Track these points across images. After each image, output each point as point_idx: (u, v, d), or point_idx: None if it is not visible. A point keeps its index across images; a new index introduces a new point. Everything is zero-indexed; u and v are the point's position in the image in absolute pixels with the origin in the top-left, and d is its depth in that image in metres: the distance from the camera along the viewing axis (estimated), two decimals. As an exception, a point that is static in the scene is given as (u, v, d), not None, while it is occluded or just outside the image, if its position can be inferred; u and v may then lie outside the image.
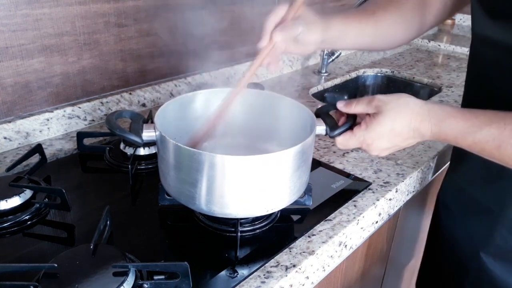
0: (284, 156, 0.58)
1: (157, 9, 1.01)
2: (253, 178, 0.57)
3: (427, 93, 1.43)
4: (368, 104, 0.60)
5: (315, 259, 0.63)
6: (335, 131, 0.63)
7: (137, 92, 1.04)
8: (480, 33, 0.67)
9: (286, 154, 0.58)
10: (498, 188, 0.67)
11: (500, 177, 0.66)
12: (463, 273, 0.77)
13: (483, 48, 0.68)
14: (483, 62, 0.69)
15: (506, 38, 0.61)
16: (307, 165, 0.64)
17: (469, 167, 0.73)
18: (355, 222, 0.70)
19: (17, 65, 0.84)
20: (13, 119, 0.86)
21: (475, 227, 0.73)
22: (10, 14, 0.80)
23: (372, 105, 0.60)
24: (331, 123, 0.64)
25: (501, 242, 0.69)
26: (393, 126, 0.59)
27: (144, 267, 0.56)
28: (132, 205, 0.73)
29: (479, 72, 0.71)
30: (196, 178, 0.57)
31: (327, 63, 1.41)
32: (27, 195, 0.69)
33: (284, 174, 0.59)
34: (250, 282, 0.57)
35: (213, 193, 0.58)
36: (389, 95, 0.60)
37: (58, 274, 0.52)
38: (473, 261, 0.74)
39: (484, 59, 0.68)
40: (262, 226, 0.67)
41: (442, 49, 1.80)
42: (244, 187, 0.58)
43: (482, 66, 0.69)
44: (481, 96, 0.70)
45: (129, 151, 0.83)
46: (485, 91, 0.69)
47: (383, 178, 0.82)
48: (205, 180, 0.57)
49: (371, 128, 0.59)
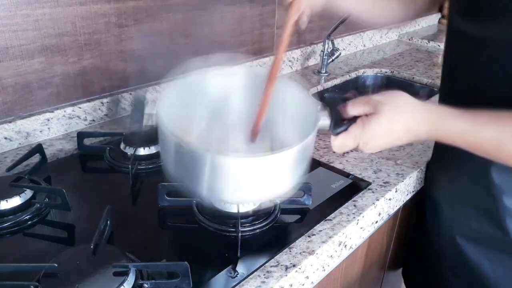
0: (285, 155, 0.57)
1: (157, 9, 1.01)
2: (252, 176, 0.57)
3: (427, 93, 1.43)
4: (364, 105, 0.60)
5: (315, 259, 0.63)
6: (338, 128, 0.62)
7: (137, 92, 1.04)
8: (455, 27, 0.70)
9: (287, 153, 0.57)
10: (485, 179, 0.69)
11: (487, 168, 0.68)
12: (442, 259, 0.81)
13: (456, 43, 0.71)
14: (456, 55, 0.71)
15: (474, 32, 0.64)
16: (307, 159, 0.63)
17: (455, 160, 0.75)
18: (355, 222, 0.70)
19: (17, 65, 0.84)
20: (14, 119, 0.86)
21: (456, 216, 0.77)
22: (10, 15, 0.80)
23: (369, 106, 0.60)
24: (336, 117, 0.62)
25: (476, 226, 0.73)
26: (389, 125, 0.59)
27: (144, 267, 0.57)
28: (132, 205, 0.74)
29: (452, 64, 0.74)
30: (196, 174, 0.56)
31: (327, 63, 1.41)
32: (28, 195, 0.69)
33: (284, 171, 0.59)
34: (250, 282, 0.57)
35: (213, 188, 0.58)
36: (384, 93, 0.60)
37: (58, 274, 0.52)
38: (450, 246, 0.78)
39: (457, 53, 0.71)
40: (262, 226, 0.67)
41: (442, 49, 1.79)
42: (243, 184, 0.57)
43: (456, 59, 0.72)
44: (456, 88, 0.73)
45: (129, 151, 0.83)
46: (460, 83, 0.71)
47: (382, 178, 0.82)
48: (205, 175, 0.56)
49: (369, 127, 0.59)
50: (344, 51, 1.64)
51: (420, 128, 0.59)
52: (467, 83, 0.69)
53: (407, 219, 1.01)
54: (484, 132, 0.57)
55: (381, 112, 0.58)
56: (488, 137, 0.57)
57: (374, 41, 1.80)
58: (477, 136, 0.57)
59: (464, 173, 0.73)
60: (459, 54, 0.70)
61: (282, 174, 0.59)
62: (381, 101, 0.59)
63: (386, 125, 0.58)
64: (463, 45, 0.68)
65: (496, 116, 0.57)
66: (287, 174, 0.59)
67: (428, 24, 2.18)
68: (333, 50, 1.39)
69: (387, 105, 0.59)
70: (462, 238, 0.76)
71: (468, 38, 0.66)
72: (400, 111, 0.59)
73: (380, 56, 1.67)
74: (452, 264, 0.80)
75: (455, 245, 0.77)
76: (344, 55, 1.64)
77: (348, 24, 1.52)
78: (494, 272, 0.73)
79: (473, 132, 0.57)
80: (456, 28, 0.70)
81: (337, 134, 0.61)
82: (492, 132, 0.56)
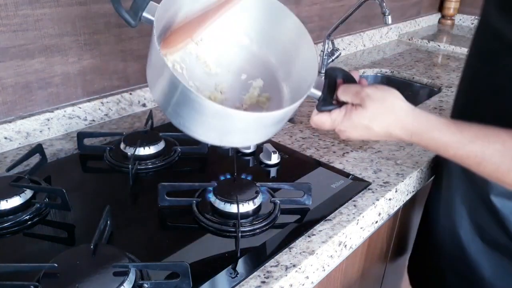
0: (272, 115, 0.57)
1: (157, 9, 1.01)
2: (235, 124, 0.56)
3: (427, 93, 1.43)
4: (354, 95, 0.60)
5: (315, 259, 0.63)
6: (324, 106, 0.62)
7: (138, 92, 1.04)
8: (488, 23, 0.66)
9: (274, 114, 0.57)
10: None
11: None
12: (444, 253, 0.81)
13: (487, 40, 0.67)
14: (487, 56, 0.68)
15: (510, 31, 0.60)
16: (287, 118, 0.63)
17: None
18: (355, 222, 0.70)
19: (17, 65, 0.84)
20: (14, 119, 0.86)
21: (458, 214, 0.76)
22: (10, 15, 0.80)
23: (358, 97, 0.59)
24: (328, 93, 0.62)
25: (483, 224, 0.72)
26: (370, 123, 0.59)
27: (144, 267, 0.57)
28: (132, 205, 0.74)
29: (481, 67, 0.70)
30: (182, 110, 0.55)
31: (327, 63, 1.41)
32: (28, 195, 0.69)
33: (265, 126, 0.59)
34: (250, 282, 0.57)
35: (196, 125, 0.57)
36: (378, 90, 0.59)
37: (58, 274, 0.52)
38: (451, 240, 0.78)
39: (489, 54, 0.67)
40: (262, 226, 0.67)
41: (442, 49, 1.80)
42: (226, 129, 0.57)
43: (485, 61, 0.68)
44: (480, 92, 0.70)
45: (129, 151, 0.83)
46: (484, 84, 0.69)
47: (382, 178, 0.82)
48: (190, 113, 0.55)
49: (349, 118, 0.60)
50: (344, 51, 1.64)
51: (402, 133, 0.59)
52: (492, 84, 0.67)
53: (407, 219, 1.01)
54: (467, 147, 0.56)
55: (367, 107, 0.58)
56: (470, 153, 0.56)
57: (374, 41, 1.80)
58: (460, 150, 0.57)
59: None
60: (489, 53, 0.67)
61: (260, 128, 0.59)
62: (370, 95, 0.58)
63: (366, 121, 0.59)
64: (495, 43, 0.65)
65: (483, 133, 0.56)
66: (265, 129, 0.60)
67: (428, 24, 2.18)
68: (333, 50, 1.39)
69: (375, 102, 0.58)
70: (467, 234, 0.75)
71: (502, 36, 0.62)
72: (384, 112, 0.58)
73: (380, 56, 1.67)
74: (452, 260, 0.79)
75: (457, 240, 0.77)
76: (344, 55, 1.64)
77: (348, 24, 1.52)
78: (493, 273, 0.73)
79: (456, 146, 0.57)
80: (489, 24, 0.66)
81: (320, 111, 0.62)
82: (476, 148, 0.56)
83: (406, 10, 1.98)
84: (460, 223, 0.76)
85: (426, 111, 0.60)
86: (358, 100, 0.59)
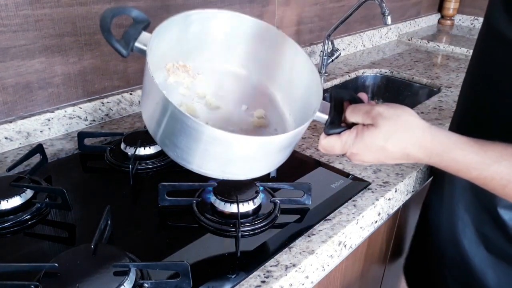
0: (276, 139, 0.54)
1: (157, 9, 1.02)
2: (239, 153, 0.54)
3: (426, 93, 1.43)
4: (364, 115, 0.55)
5: (315, 259, 0.64)
6: (332, 129, 0.57)
7: (138, 92, 1.04)
8: (493, 27, 0.63)
9: (278, 138, 0.54)
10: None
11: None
12: (444, 261, 0.79)
13: (495, 46, 0.64)
14: (491, 60, 0.65)
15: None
16: (294, 145, 0.60)
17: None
18: (355, 221, 0.70)
19: (18, 65, 0.84)
20: (14, 119, 0.86)
21: (462, 223, 0.74)
22: (11, 15, 0.81)
23: (369, 116, 0.54)
24: (335, 116, 0.57)
25: (486, 232, 0.69)
26: (385, 144, 0.53)
27: (144, 267, 0.57)
28: (132, 205, 0.74)
29: (485, 71, 0.67)
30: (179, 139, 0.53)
31: (327, 64, 1.41)
32: (28, 195, 0.69)
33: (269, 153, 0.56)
34: (250, 281, 0.57)
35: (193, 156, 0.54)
36: (390, 107, 0.54)
37: (58, 274, 0.53)
38: (453, 248, 0.76)
39: (494, 58, 0.64)
40: (262, 226, 0.67)
41: (441, 50, 1.80)
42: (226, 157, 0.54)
43: (490, 65, 0.66)
44: (484, 98, 0.68)
45: (129, 151, 0.83)
46: (490, 94, 0.66)
47: (382, 178, 0.82)
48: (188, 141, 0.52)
49: (361, 139, 0.54)
50: (343, 51, 1.64)
51: (421, 153, 0.53)
52: (501, 94, 0.63)
53: (407, 219, 1.01)
54: (492, 168, 0.51)
55: (379, 126, 0.53)
56: (496, 175, 0.51)
57: (373, 42, 1.80)
58: (484, 172, 0.52)
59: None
60: (496, 59, 0.63)
61: (264, 156, 0.56)
62: (382, 114, 0.53)
63: (380, 142, 0.53)
64: (499, 48, 0.62)
65: (508, 152, 0.51)
66: (270, 156, 0.56)
67: (428, 24, 2.18)
68: (332, 50, 1.39)
69: (388, 120, 0.53)
70: (471, 242, 0.72)
71: (507, 39, 0.59)
72: (399, 131, 0.53)
73: (380, 56, 1.67)
74: (454, 267, 0.78)
75: (459, 248, 0.75)
76: (343, 55, 1.64)
77: (348, 25, 1.52)
78: (498, 282, 0.71)
79: (480, 168, 0.52)
80: (494, 28, 0.62)
81: (329, 134, 0.58)
82: (502, 169, 0.51)
83: (406, 11, 1.99)
84: (464, 231, 0.74)
85: (443, 128, 0.55)
86: (369, 120, 0.54)
